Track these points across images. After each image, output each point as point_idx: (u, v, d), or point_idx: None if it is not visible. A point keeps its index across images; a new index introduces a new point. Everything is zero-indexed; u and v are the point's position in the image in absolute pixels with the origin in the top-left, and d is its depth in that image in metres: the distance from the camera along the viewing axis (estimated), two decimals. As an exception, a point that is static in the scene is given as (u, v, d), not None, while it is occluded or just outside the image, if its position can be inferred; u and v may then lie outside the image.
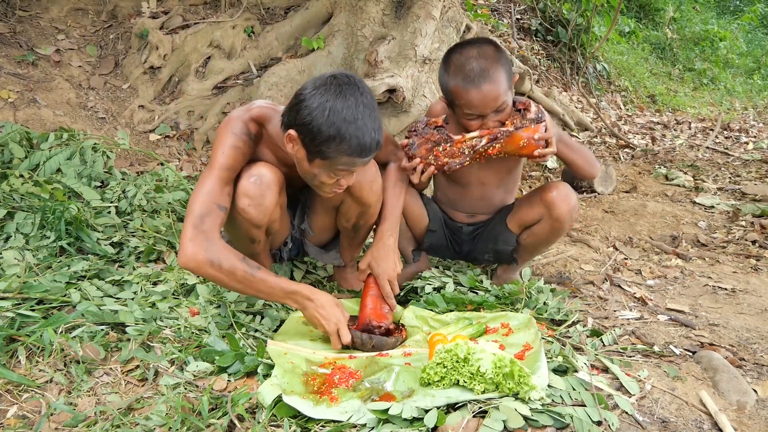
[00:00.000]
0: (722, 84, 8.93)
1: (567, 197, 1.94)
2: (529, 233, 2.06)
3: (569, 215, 1.95)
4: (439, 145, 1.86)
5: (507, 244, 2.11)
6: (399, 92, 3.36)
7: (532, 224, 2.03)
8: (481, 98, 1.79)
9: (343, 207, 1.94)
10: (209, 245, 1.55)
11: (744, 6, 11.61)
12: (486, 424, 1.29)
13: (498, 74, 1.78)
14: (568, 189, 1.97)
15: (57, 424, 1.32)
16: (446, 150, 1.86)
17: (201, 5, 4.08)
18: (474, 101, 1.80)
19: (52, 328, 1.58)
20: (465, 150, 1.85)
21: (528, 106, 1.84)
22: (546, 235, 2.02)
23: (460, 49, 1.86)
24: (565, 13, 6.44)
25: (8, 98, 3.20)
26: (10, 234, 2.15)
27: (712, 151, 5.16)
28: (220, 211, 1.61)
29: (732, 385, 1.53)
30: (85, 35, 3.88)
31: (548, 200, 1.95)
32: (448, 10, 3.72)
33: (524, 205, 2.05)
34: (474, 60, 1.79)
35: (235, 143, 1.66)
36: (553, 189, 1.96)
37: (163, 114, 3.60)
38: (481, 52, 1.81)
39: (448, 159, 1.87)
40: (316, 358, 1.62)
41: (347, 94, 1.54)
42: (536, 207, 2.00)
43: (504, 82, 1.80)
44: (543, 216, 1.98)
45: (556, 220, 1.95)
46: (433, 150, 1.87)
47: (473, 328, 1.76)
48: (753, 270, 2.55)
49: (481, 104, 1.80)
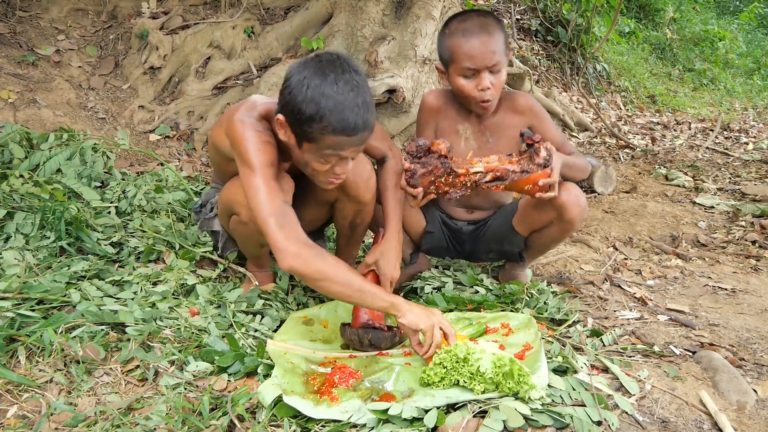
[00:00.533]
0: (722, 84, 8.93)
1: (578, 199, 1.92)
2: (539, 235, 2.04)
3: (581, 216, 1.94)
4: (441, 178, 1.81)
5: (515, 245, 2.10)
6: (399, 92, 3.36)
7: (542, 227, 2.02)
8: (480, 47, 1.82)
9: (338, 205, 1.94)
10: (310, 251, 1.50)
11: (744, 6, 11.62)
12: (486, 424, 1.29)
13: (496, 32, 1.85)
14: (577, 190, 1.94)
15: (57, 424, 1.32)
16: (448, 182, 1.82)
17: (201, 5, 4.08)
18: (473, 51, 1.82)
19: (52, 328, 1.58)
20: (468, 183, 1.81)
21: (538, 149, 1.78)
22: (556, 236, 2.02)
23: (461, 15, 1.93)
24: (565, 13, 6.45)
25: (8, 98, 3.20)
26: (10, 234, 2.15)
27: (712, 151, 5.16)
28: (288, 207, 1.57)
29: (732, 385, 1.53)
30: (85, 35, 3.88)
31: (560, 204, 1.91)
32: (448, 10, 3.72)
33: (532, 209, 2.01)
34: (474, 18, 1.87)
35: (266, 139, 1.60)
36: (563, 192, 1.91)
37: (163, 114, 3.60)
38: (480, 14, 1.90)
39: (449, 188, 1.83)
40: (316, 357, 1.62)
41: (327, 70, 1.49)
42: (546, 210, 1.96)
43: (501, 42, 1.85)
44: (554, 219, 1.96)
45: (568, 222, 1.93)
46: (435, 182, 1.82)
47: (473, 328, 1.76)
48: (753, 270, 2.55)
49: (479, 55, 1.82)
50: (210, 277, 2.07)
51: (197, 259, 2.17)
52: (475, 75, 1.86)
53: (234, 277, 2.13)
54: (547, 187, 1.79)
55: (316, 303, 2.01)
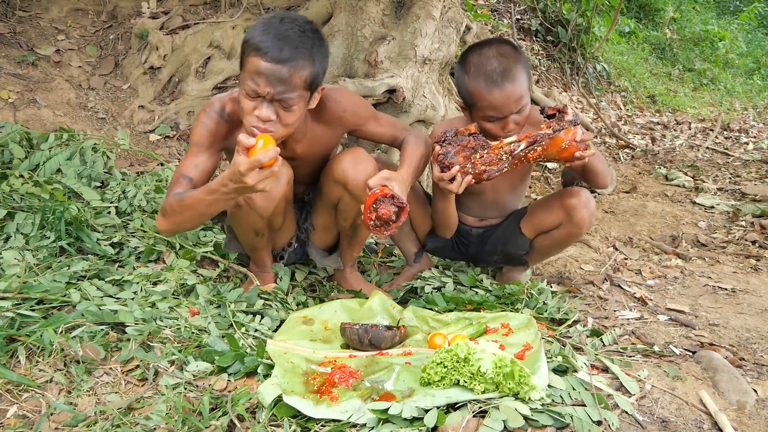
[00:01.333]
0: (722, 84, 8.93)
1: (587, 203, 1.92)
2: (545, 237, 2.05)
3: (589, 220, 1.94)
4: (476, 152, 1.77)
5: (519, 248, 2.10)
6: (399, 92, 3.36)
7: (549, 229, 2.02)
8: (504, 98, 1.76)
9: (341, 205, 1.94)
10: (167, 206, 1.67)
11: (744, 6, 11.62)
12: (486, 424, 1.29)
13: (519, 73, 1.78)
14: (587, 194, 1.95)
15: (57, 424, 1.32)
16: (483, 157, 1.78)
17: (201, 5, 4.08)
18: (496, 102, 1.77)
19: (52, 328, 1.58)
20: (503, 156, 1.77)
21: (564, 108, 1.76)
22: (562, 240, 2.02)
23: (479, 49, 1.83)
24: (565, 13, 6.45)
25: (8, 98, 3.20)
26: (10, 234, 2.15)
27: (712, 151, 5.16)
28: (184, 180, 1.70)
29: (732, 385, 1.53)
30: (85, 35, 3.88)
31: (569, 206, 1.92)
32: (448, 10, 3.72)
33: (541, 211, 2.02)
34: (495, 59, 1.77)
35: (204, 120, 1.75)
36: (573, 195, 1.93)
37: (163, 114, 3.60)
38: (501, 52, 1.79)
39: (485, 167, 1.78)
40: (316, 357, 1.62)
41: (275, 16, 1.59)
42: (555, 212, 1.97)
43: (525, 82, 1.79)
44: (563, 221, 1.96)
45: (576, 225, 1.94)
46: (470, 158, 1.78)
47: (473, 328, 1.76)
48: (753, 270, 2.55)
49: (504, 105, 1.78)
50: (210, 277, 2.07)
51: (197, 259, 2.17)
52: (498, 121, 1.82)
53: (234, 277, 2.13)
54: (584, 146, 1.73)
55: (316, 303, 2.01)
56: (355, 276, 2.19)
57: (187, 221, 1.70)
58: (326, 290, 2.17)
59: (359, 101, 1.92)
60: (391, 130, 1.95)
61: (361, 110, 1.89)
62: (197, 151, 1.74)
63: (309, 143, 1.87)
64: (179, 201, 1.65)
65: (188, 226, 1.74)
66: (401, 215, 1.66)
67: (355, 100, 1.90)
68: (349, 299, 2.01)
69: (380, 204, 1.63)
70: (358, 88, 3.30)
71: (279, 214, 1.92)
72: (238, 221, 1.91)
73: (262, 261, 2.07)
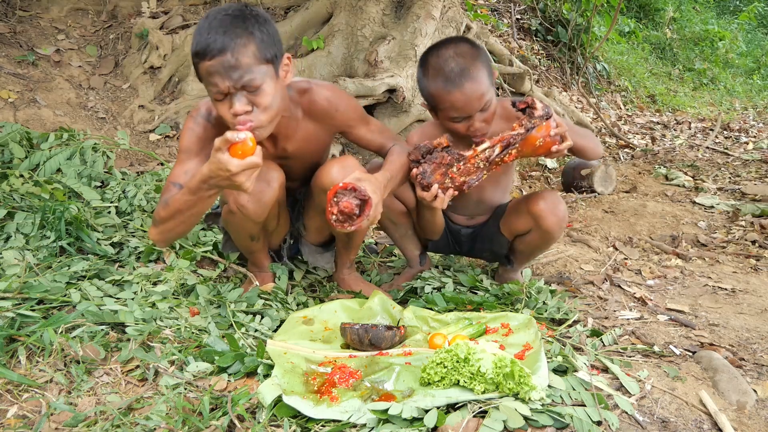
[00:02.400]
0: (722, 84, 8.94)
1: (555, 208, 1.89)
2: (520, 241, 2.05)
3: (558, 226, 1.91)
4: (452, 166, 1.77)
5: (501, 247, 2.11)
6: (399, 92, 3.36)
7: (523, 233, 2.02)
8: (465, 99, 1.74)
9: None
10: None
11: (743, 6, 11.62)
12: (486, 424, 1.29)
13: (478, 72, 1.74)
14: (555, 198, 1.91)
15: (57, 424, 1.32)
16: (461, 169, 1.77)
17: (201, 5, 4.08)
18: (458, 102, 1.75)
19: (52, 328, 1.58)
20: (480, 164, 1.77)
21: (533, 103, 1.73)
22: (538, 243, 2.01)
23: (436, 50, 1.80)
24: (565, 13, 6.45)
25: (8, 98, 3.20)
26: (10, 234, 2.15)
27: (712, 151, 5.16)
28: (175, 188, 1.67)
29: (732, 385, 1.53)
30: (85, 35, 3.88)
31: (535, 212, 1.89)
32: (448, 10, 3.72)
33: (513, 214, 2.01)
34: (452, 60, 1.74)
35: (191, 126, 1.72)
36: (540, 200, 1.89)
37: (163, 114, 3.60)
38: (458, 51, 1.75)
39: (464, 178, 1.78)
40: (316, 357, 1.62)
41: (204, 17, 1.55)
42: (524, 218, 1.96)
43: (486, 79, 1.75)
44: (532, 227, 1.95)
45: (546, 231, 1.92)
46: (447, 173, 1.77)
47: (473, 328, 1.76)
48: (753, 270, 2.55)
49: (466, 104, 1.75)
50: (210, 277, 2.07)
51: (197, 259, 2.17)
52: (464, 120, 1.79)
53: (234, 277, 2.13)
54: (559, 139, 1.70)
55: (316, 303, 2.01)
56: (353, 277, 2.19)
57: (177, 226, 1.66)
58: (326, 290, 2.17)
59: (351, 102, 1.89)
60: (379, 138, 1.91)
61: (352, 111, 1.86)
62: (186, 158, 1.71)
63: (300, 141, 1.85)
64: (165, 207, 1.63)
65: (179, 230, 1.68)
66: (365, 209, 1.58)
67: (346, 100, 1.87)
68: (349, 299, 2.01)
69: (341, 197, 1.57)
70: (358, 87, 3.30)
71: (273, 218, 1.92)
72: (232, 227, 1.90)
73: (260, 262, 2.08)
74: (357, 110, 1.89)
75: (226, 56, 1.49)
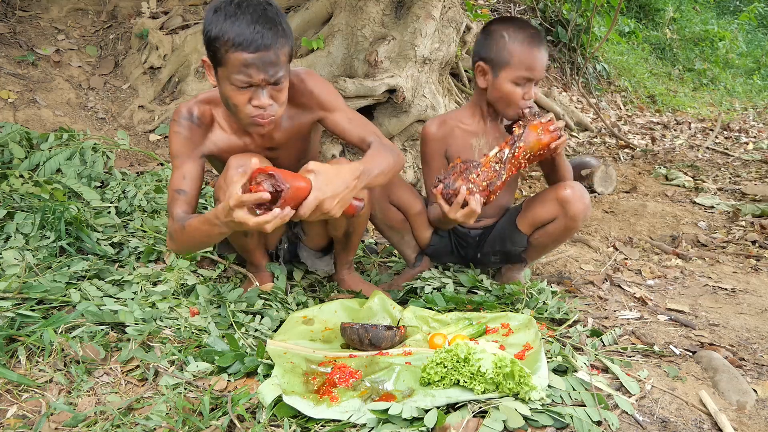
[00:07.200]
0: (722, 84, 8.94)
1: (582, 195, 1.94)
2: (541, 233, 2.04)
3: (584, 213, 1.95)
4: (472, 173, 1.83)
5: (517, 245, 2.10)
6: (399, 92, 3.36)
7: (545, 223, 2.02)
8: (542, 60, 1.88)
9: (330, 220, 1.93)
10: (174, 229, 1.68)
11: (743, 6, 11.62)
12: (486, 424, 1.29)
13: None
14: (581, 187, 1.97)
15: (57, 424, 1.32)
16: (480, 175, 1.84)
17: (201, 5, 4.08)
18: (537, 62, 1.87)
19: (52, 328, 1.58)
20: (495, 166, 1.85)
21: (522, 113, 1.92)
22: (559, 234, 2.01)
23: (509, 19, 1.97)
24: (565, 13, 6.45)
25: (8, 98, 3.20)
26: (10, 234, 2.15)
27: (712, 151, 5.16)
28: (179, 195, 1.71)
29: (732, 385, 1.53)
30: (85, 35, 3.88)
31: (564, 198, 1.93)
32: (448, 10, 3.72)
33: (536, 205, 2.03)
34: (530, 28, 1.90)
35: (176, 130, 1.73)
36: (567, 187, 1.95)
37: (163, 114, 3.60)
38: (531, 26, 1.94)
39: (487, 182, 1.84)
40: (316, 357, 1.62)
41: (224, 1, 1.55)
42: (550, 206, 1.98)
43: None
44: (558, 215, 1.97)
45: (572, 218, 1.94)
46: (469, 179, 1.83)
47: (473, 328, 1.76)
48: (753, 270, 2.55)
49: (540, 67, 1.88)
50: (210, 277, 2.07)
51: (197, 259, 2.17)
52: (526, 84, 1.90)
53: (234, 277, 2.13)
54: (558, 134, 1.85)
55: (316, 303, 2.01)
56: (353, 277, 2.19)
57: (194, 246, 1.73)
58: (326, 290, 2.17)
59: (329, 87, 1.88)
60: (359, 131, 1.85)
61: (326, 93, 1.84)
62: (181, 163, 1.73)
63: (286, 128, 1.84)
64: (181, 230, 1.65)
65: (197, 249, 1.78)
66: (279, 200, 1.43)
67: (321, 82, 1.86)
68: (349, 299, 2.01)
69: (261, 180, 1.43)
70: (358, 88, 3.30)
71: None
72: None
73: (257, 261, 2.07)
74: (336, 96, 1.87)
75: (270, 53, 1.54)
